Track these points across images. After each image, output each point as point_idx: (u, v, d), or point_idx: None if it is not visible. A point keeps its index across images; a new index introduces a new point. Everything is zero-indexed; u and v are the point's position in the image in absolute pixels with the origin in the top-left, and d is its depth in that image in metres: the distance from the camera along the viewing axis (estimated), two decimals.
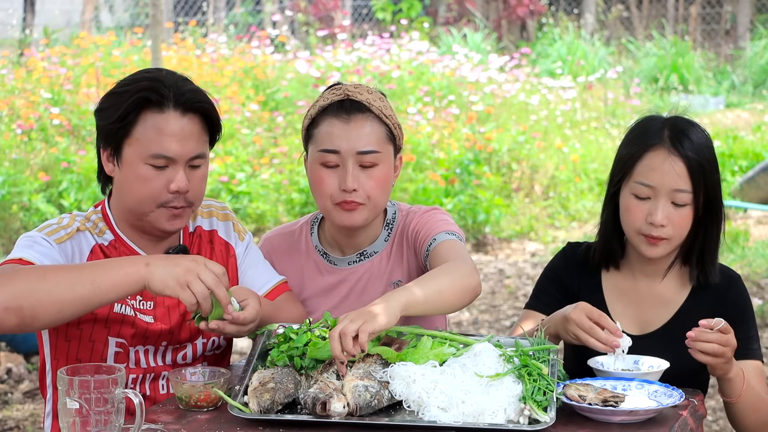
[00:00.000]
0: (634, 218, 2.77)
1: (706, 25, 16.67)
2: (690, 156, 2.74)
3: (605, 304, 2.89)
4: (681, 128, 2.79)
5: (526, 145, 9.76)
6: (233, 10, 16.25)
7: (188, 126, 2.65)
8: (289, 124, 9.84)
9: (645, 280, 2.88)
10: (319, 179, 2.82)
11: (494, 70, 11.76)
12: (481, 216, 8.61)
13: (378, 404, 2.35)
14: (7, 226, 7.88)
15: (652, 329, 2.86)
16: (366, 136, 2.80)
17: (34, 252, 2.57)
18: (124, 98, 2.63)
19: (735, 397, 2.73)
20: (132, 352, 2.70)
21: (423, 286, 2.56)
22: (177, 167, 2.64)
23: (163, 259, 2.43)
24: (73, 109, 9.15)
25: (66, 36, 13.27)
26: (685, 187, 2.74)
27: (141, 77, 2.69)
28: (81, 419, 2.17)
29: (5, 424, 5.00)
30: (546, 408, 2.33)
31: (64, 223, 2.69)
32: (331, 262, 2.97)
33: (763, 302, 6.86)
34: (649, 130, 2.81)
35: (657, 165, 2.75)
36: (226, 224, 2.90)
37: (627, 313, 2.87)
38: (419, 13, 15.85)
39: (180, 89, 2.65)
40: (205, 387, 2.45)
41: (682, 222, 2.76)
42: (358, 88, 2.83)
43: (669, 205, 2.75)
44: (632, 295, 2.89)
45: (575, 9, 16.62)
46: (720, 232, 2.85)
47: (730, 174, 10.14)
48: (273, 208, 8.50)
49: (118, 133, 2.64)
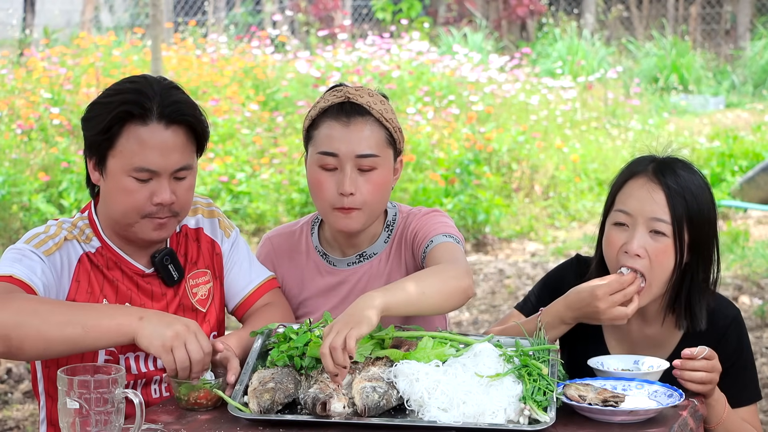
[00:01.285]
0: (612, 248, 2.69)
1: (706, 25, 16.67)
2: (671, 186, 2.66)
3: (602, 334, 2.84)
4: (668, 163, 2.72)
5: (526, 145, 9.76)
6: (233, 10, 16.25)
7: (172, 138, 2.61)
8: (289, 124, 9.84)
9: (637, 322, 2.79)
10: (317, 182, 2.82)
11: (494, 70, 11.76)
12: (481, 216, 8.61)
13: (387, 404, 2.35)
14: (7, 226, 7.88)
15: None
16: (365, 139, 2.78)
17: (23, 267, 2.54)
18: (108, 110, 2.60)
19: (714, 424, 2.67)
20: (122, 359, 2.68)
21: (406, 286, 2.54)
22: (161, 180, 2.61)
23: (157, 316, 2.43)
24: (73, 109, 9.15)
25: (66, 36, 13.27)
26: (663, 217, 2.65)
27: (125, 88, 2.64)
28: (81, 419, 2.17)
29: (5, 424, 5.00)
30: (546, 408, 2.33)
31: (51, 232, 2.65)
32: (331, 263, 2.96)
33: (763, 302, 6.87)
34: (637, 162, 2.76)
35: (635, 191, 2.69)
36: (212, 221, 2.88)
37: (621, 351, 2.80)
38: (419, 13, 15.85)
39: (164, 101, 2.61)
40: (204, 386, 2.45)
41: (659, 256, 2.65)
42: (359, 91, 2.82)
43: (646, 234, 2.66)
44: (625, 335, 2.82)
45: (575, 9, 16.62)
46: (710, 280, 2.73)
47: (730, 174, 10.14)
48: (273, 208, 8.50)
49: (102, 144, 2.61)
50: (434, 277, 2.61)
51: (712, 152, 10.43)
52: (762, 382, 5.66)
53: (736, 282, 7.40)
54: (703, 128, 11.95)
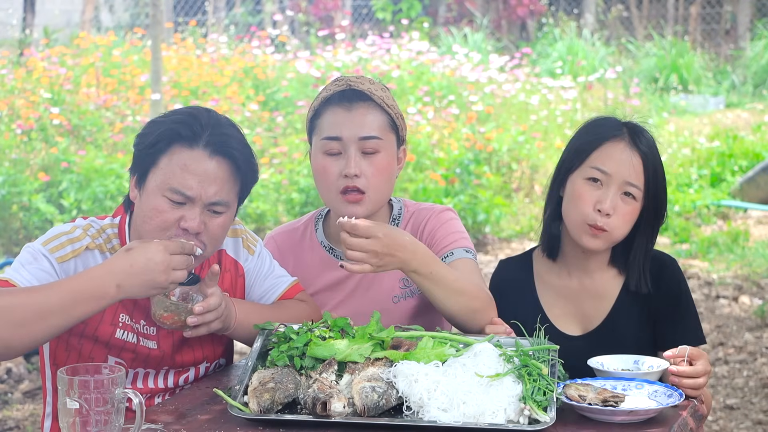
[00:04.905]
0: (583, 204, 2.81)
1: (706, 25, 16.66)
2: (647, 153, 2.83)
3: (541, 307, 2.94)
4: (638, 129, 2.88)
5: (526, 145, 9.76)
6: (233, 10, 16.23)
7: (214, 169, 2.58)
8: (289, 124, 9.84)
9: (579, 275, 2.93)
10: (322, 168, 2.85)
11: (494, 70, 11.76)
12: (481, 216, 8.61)
13: (386, 404, 2.35)
14: (7, 226, 7.88)
15: (594, 326, 2.91)
16: (368, 123, 2.83)
17: (26, 273, 2.52)
18: (160, 128, 2.60)
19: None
20: (131, 373, 2.68)
21: (451, 272, 2.70)
22: (194, 207, 2.57)
23: (130, 277, 2.41)
24: (73, 109, 9.15)
25: (66, 36, 13.28)
26: (637, 183, 2.81)
27: (183, 110, 2.64)
28: (81, 419, 2.17)
29: (5, 424, 5.00)
30: (546, 408, 2.33)
31: (75, 235, 2.62)
32: (338, 256, 2.98)
33: (763, 302, 6.86)
34: (607, 125, 2.89)
35: (616, 154, 2.82)
36: (235, 241, 2.84)
37: (566, 312, 2.93)
38: (419, 13, 15.84)
39: (215, 131, 2.59)
40: (170, 307, 2.50)
41: (626, 216, 2.81)
42: (360, 79, 2.88)
43: (618, 196, 2.80)
44: (567, 292, 2.94)
45: (575, 9, 16.62)
46: (655, 237, 2.90)
47: (730, 174, 10.13)
48: (273, 208, 8.50)
49: (146, 160, 2.60)
50: (465, 294, 2.72)
51: (712, 152, 10.42)
52: (762, 381, 5.66)
53: (736, 282, 7.40)
54: (703, 128, 11.95)
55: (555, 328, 2.90)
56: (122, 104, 9.47)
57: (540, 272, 2.99)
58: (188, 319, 2.51)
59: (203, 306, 2.51)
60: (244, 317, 2.67)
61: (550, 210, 2.94)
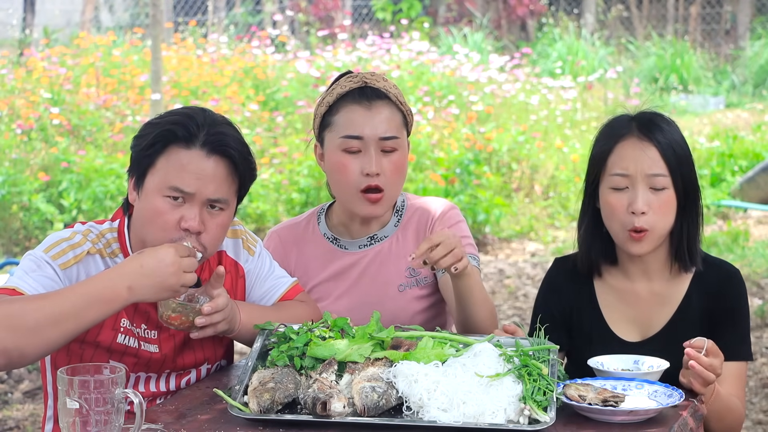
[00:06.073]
0: (616, 212, 2.75)
1: (706, 25, 16.67)
2: (661, 140, 2.75)
3: (600, 312, 2.88)
4: (648, 118, 2.80)
5: (526, 145, 9.76)
6: (233, 10, 16.24)
7: (212, 168, 2.58)
8: (289, 124, 9.84)
9: (641, 279, 2.85)
10: (342, 165, 2.88)
11: (494, 70, 11.76)
12: (481, 216, 8.61)
13: (386, 404, 2.35)
14: (7, 226, 7.88)
15: (655, 331, 2.83)
16: (387, 122, 2.88)
17: (31, 281, 2.51)
18: (156, 128, 2.60)
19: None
20: (133, 377, 2.68)
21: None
22: (193, 205, 2.57)
23: (143, 278, 2.41)
24: (73, 109, 9.15)
25: (66, 36, 13.28)
26: (660, 171, 2.73)
27: (179, 111, 2.64)
28: (81, 419, 2.17)
29: (5, 424, 5.00)
30: (546, 408, 2.33)
31: (75, 240, 2.61)
32: (342, 246, 3.02)
33: (763, 302, 6.87)
34: (616, 126, 2.82)
35: (629, 153, 2.75)
36: (235, 242, 2.84)
37: (626, 317, 2.85)
38: (419, 13, 15.85)
39: (211, 130, 2.59)
40: (178, 308, 2.49)
41: (663, 208, 2.74)
42: (374, 76, 2.92)
43: (647, 191, 2.73)
44: (629, 297, 2.86)
45: (575, 9, 16.62)
46: (700, 218, 2.83)
47: (730, 174, 10.13)
48: (273, 208, 8.50)
49: (143, 161, 2.60)
50: (488, 304, 2.82)
51: (712, 152, 10.42)
52: (762, 381, 5.66)
53: None
54: (703, 128, 11.95)
55: (612, 332, 2.84)
56: (122, 104, 9.47)
57: (601, 274, 2.91)
58: (196, 320, 2.51)
59: (212, 306, 2.51)
60: (247, 319, 2.67)
61: (586, 223, 2.87)
